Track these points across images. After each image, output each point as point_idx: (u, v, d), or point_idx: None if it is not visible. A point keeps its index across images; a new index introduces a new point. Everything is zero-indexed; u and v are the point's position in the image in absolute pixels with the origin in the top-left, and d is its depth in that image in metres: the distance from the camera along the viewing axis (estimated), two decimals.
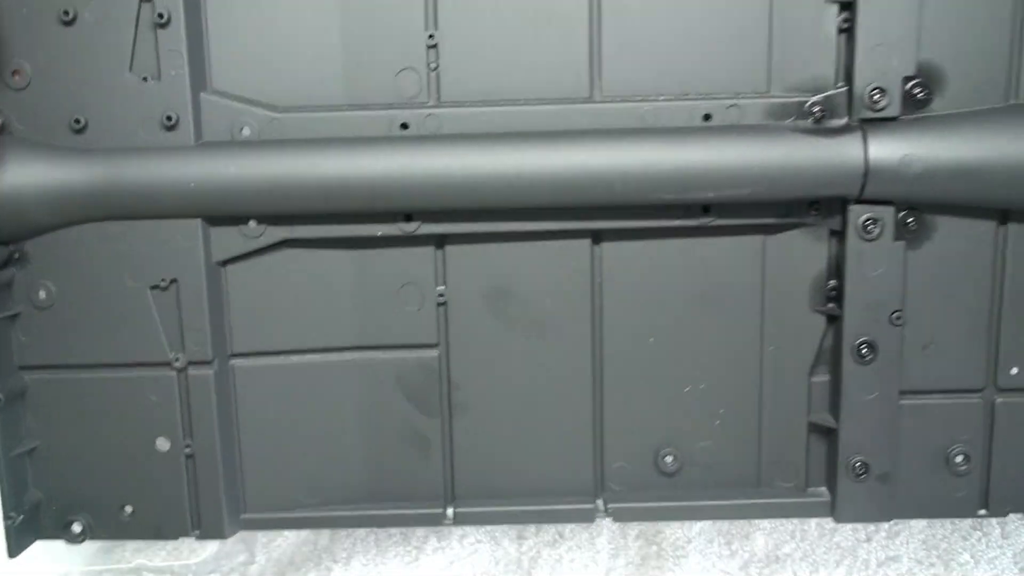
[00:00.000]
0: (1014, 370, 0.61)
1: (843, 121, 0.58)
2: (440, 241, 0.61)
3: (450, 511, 0.64)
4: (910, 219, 0.59)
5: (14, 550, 0.61)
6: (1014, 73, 0.58)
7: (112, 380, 0.61)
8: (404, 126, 0.59)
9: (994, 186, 0.57)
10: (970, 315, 0.61)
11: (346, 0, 0.59)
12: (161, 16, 0.57)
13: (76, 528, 0.62)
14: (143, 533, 0.63)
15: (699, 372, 0.63)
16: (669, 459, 0.64)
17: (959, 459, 0.62)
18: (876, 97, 0.57)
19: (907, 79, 0.58)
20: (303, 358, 0.62)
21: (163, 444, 0.61)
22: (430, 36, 0.59)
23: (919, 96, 0.58)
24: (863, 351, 0.60)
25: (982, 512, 0.63)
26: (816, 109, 0.59)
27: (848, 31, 0.58)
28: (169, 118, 0.58)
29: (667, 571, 0.71)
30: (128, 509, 0.62)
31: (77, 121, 0.58)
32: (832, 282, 0.61)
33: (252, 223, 0.60)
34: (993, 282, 0.60)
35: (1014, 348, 0.61)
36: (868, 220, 0.59)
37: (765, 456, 0.64)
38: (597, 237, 0.61)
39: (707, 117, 0.59)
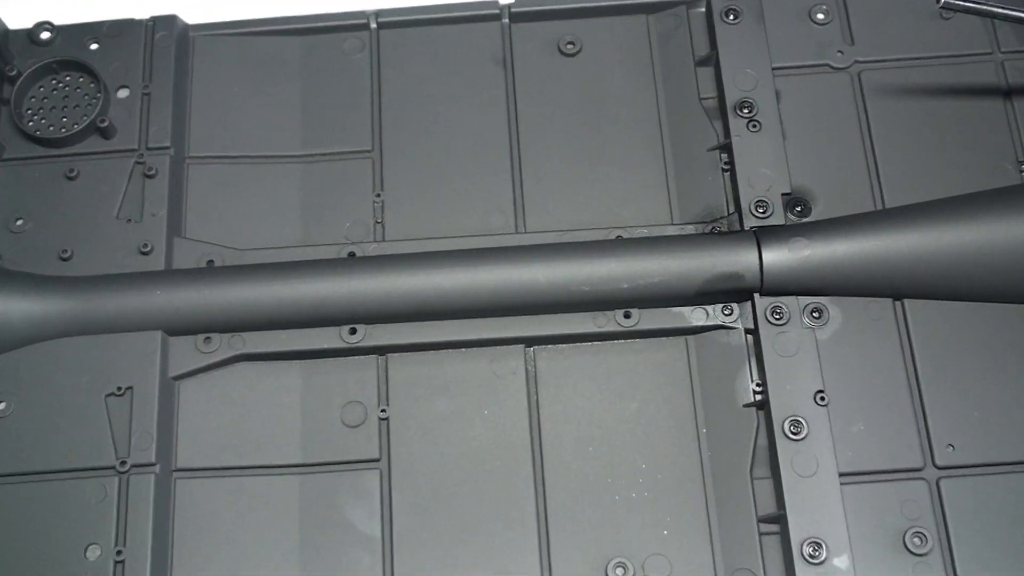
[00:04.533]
0: (950, 447, 0.62)
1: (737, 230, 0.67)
2: (383, 351, 0.65)
3: None
4: (812, 307, 0.65)
5: None
6: (875, 185, 0.68)
7: (55, 486, 0.61)
8: (352, 255, 0.67)
9: (872, 272, 0.64)
10: (893, 393, 0.63)
11: (307, 167, 0.70)
12: (151, 169, 0.68)
13: None
14: None
15: (641, 480, 0.63)
16: (620, 571, 0.61)
17: (916, 541, 0.60)
18: (760, 210, 0.67)
19: (785, 195, 0.67)
20: (245, 474, 0.63)
21: (93, 552, 0.59)
22: (377, 195, 0.70)
23: (798, 210, 0.67)
24: (792, 429, 0.62)
25: None
26: (713, 227, 0.67)
27: (730, 169, 0.69)
28: (145, 245, 0.66)
29: None
30: None
31: (64, 251, 0.66)
32: (757, 380, 0.64)
33: (209, 335, 0.65)
34: (904, 359, 0.64)
35: (945, 424, 0.62)
36: (774, 308, 0.64)
37: (720, 565, 0.61)
38: (529, 343, 0.66)
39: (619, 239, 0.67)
